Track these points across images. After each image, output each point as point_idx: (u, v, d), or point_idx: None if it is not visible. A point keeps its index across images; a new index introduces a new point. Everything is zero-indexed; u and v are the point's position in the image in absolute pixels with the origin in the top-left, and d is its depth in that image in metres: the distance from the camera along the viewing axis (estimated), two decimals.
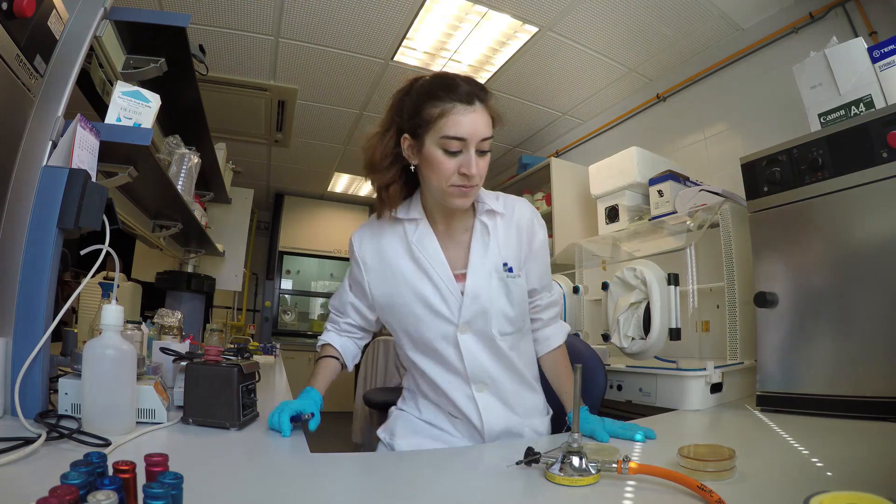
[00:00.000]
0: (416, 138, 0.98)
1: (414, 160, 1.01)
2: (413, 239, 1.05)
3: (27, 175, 0.89)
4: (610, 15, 2.31)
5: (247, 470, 0.70)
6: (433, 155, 0.95)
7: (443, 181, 0.96)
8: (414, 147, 0.99)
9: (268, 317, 5.41)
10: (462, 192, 0.97)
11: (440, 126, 0.94)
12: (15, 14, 0.82)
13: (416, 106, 0.97)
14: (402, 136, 1.00)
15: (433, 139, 0.95)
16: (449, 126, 0.93)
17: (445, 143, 0.94)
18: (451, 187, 0.96)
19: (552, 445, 0.77)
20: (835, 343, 1.27)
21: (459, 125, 0.93)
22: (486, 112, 0.96)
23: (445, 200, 1.00)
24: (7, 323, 0.84)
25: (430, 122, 0.94)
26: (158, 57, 1.51)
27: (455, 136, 0.93)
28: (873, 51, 1.36)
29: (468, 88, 0.95)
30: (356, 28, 2.47)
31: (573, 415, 0.73)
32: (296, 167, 4.52)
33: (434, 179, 0.97)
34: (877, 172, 1.20)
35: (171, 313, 1.26)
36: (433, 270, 1.03)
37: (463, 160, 0.94)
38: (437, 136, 0.94)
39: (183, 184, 1.91)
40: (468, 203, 1.01)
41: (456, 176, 0.95)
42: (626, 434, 0.95)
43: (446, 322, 1.02)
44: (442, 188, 0.97)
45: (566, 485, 0.67)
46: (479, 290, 1.03)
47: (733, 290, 1.69)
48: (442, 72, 1.01)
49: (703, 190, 1.95)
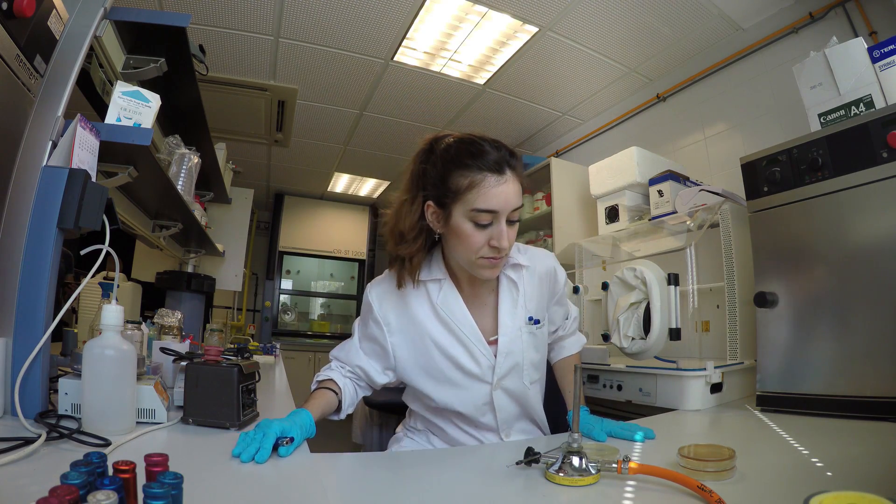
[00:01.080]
0: (442, 207, 0.93)
1: (439, 229, 0.96)
2: (438, 301, 1.01)
3: (27, 175, 0.89)
4: (610, 15, 2.31)
5: (247, 470, 0.70)
6: (462, 227, 0.91)
7: (471, 253, 0.92)
8: (439, 216, 0.94)
9: (268, 317, 5.40)
10: (492, 264, 0.94)
11: (470, 199, 0.88)
12: (15, 14, 0.82)
13: (441, 174, 0.92)
14: (427, 202, 0.95)
15: (462, 211, 0.90)
16: (479, 199, 0.88)
17: (476, 216, 0.89)
18: (480, 259, 0.93)
19: (551, 445, 0.77)
20: (835, 343, 1.27)
21: (490, 198, 0.88)
22: (516, 180, 0.91)
23: (473, 271, 0.97)
24: (7, 323, 0.84)
25: (459, 193, 0.89)
26: (158, 57, 1.51)
27: (486, 210, 0.88)
28: (873, 51, 1.36)
29: (497, 155, 0.90)
30: (356, 28, 2.47)
31: (573, 414, 0.73)
32: (296, 167, 4.52)
33: (462, 252, 0.94)
34: (877, 172, 1.20)
35: (171, 313, 1.26)
36: (463, 334, 1.01)
37: (493, 232, 0.90)
38: (466, 207, 0.89)
39: (183, 184, 1.91)
40: (496, 274, 0.99)
41: (486, 248, 0.91)
42: (625, 434, 0.96)
43: (481, 382, 1.03)
44: (470, 260, 0.94)
45: (566, 485, 0.67)
46: (512, 347, 1.03)
47: (733, 290, 1.69)
48: (467, 135, 0.94)
49: (703, 190, 1.94)
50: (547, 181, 3.00)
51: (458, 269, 1.03)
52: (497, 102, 3.17)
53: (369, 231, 5.67)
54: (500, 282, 1.07)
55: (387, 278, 1.08)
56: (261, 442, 0.73)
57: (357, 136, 3.75)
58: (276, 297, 5.53)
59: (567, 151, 3.53)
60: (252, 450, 0.72)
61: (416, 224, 0.96)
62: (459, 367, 1.02)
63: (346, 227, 5.61)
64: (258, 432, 0.76)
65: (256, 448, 0.72)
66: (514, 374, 1.04)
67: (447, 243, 0.99)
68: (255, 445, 0.72)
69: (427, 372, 1.04)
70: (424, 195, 0.95)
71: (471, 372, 1.02)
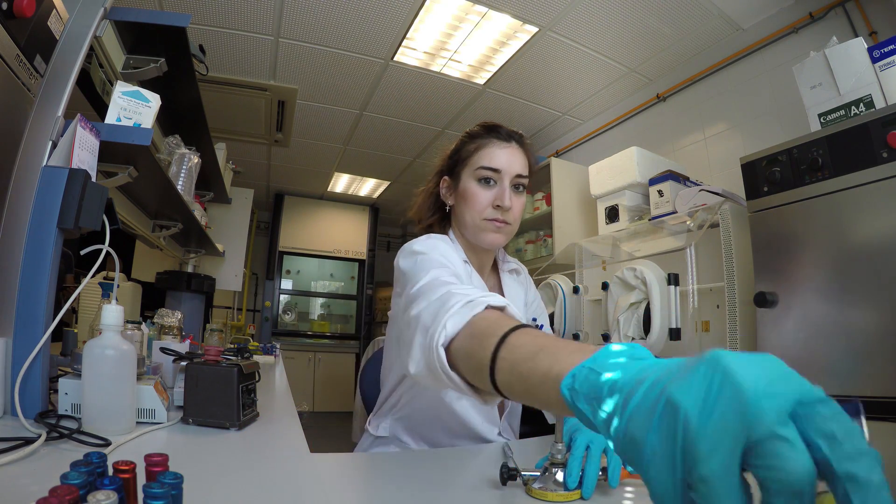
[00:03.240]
0: (453, 177, 1.00)
1: (450, 200, 1.02)
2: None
3: (27, 175, 0.89)
4: (610, 15, 2.31)
5: (247, 470, 0.70)
6: (468, 187, 0.96)
7: (476, 214, 0.95)
8: (451, 185, 1.01)
9: (268, 317, 5.41)
10: (496, 227, 0.95)
11: (476, 159, 0.96)
12: (15, 14, 0.82)
13: (456, 148, 1.01)
14: (442, 179, 1.03)
15: (469, 173, 0.97)
16: (484, 157, 0.95)
17: (480, 173, 0.95)
18: (484, 221, 0.95)
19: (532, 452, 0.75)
20: (834, 343, 1.27)
21: (494, 157, 0.94)
22: (521, 152, 0.97)
23: (478, 237, 0.97)
24: (7, 323, 0.84)
25: (467, 158, 0.97)
26: (158, 57, 1.51)
27: (489, 167, 0.94)
28: (873, 51, 1.36)
29: (508, 131, 0.98)
30: (356, 28, 2.47)
31: (556, 424, 0.69)
32: (296, 167, 4.52)
33: (468, 214, 0.96)
34: (877, 172, 1.20)
35: (171, 313, 1.26)
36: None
37: (497, 192, 0.94)
38: (472, 168, 0.96)
39: (183, 184, 1.91)
40: (501, 241, 0.98)
41: (490, 209, 0.94)
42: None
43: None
44: (476, 222, 0.96)
45: (552, 500, 0.63)
46: None
47: (733, 290, 1.69)
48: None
49: (703, 190, 1.95)
50: (547, 181, 3.00)
51: (469, 257, 1.02)
52: (497, 102, 3.17)
53: (369, 231, 5.67)
54: (502, 280, 1.09)
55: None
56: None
57: (357, 136, 3.75)
58: (276, 297, 5.53)
59: (567, 151, 3.53)
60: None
61: (430, 197, 1.05)
62: None
63: (346, 227, 5.61)
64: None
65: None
66: None
67: (457, 214, 1.01)
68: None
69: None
70: (441, 172, 1.04)
71: None
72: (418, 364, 0.57)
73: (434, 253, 0.83)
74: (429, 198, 1.06)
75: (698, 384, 0.26)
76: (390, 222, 6.05)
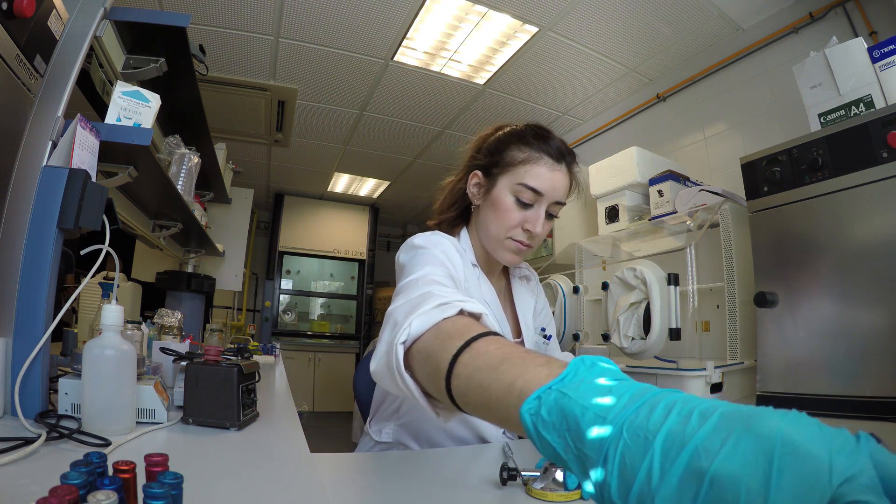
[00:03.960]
0: (488, 176, 0.92)
1: (477, 200, 0.94)
2: (479, 290, 0.95)
3: (27, 175, 0.89)
4: (610, 15, 2.31)
5: (247, 470, 0.70)
6: (503, 199, 0.89)
7: (504, 230, 0.90)
8: (482, 185, 0.93)
9: (268, 317, 5.40)
10: (518, 249, 0.91)
11: (521, 172, 0.87)
12: (15, 14, 0.82)
13: (499, 144, 0.91)
14: (473, 172, 0.94)
15: (508, 183, 0.89)
16: (530, 175, 0.87)
17: (521, 190, 0.87)
18: (508, 240, 0.90)
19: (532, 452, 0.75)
20: (835, 343, 1.27)
21: (542, 178, 0.87)
22: (568, 177, 0.91)
23: (496, 251, 0.93)
24: (7, 323, 0.84)
25: (511, 165, 0.88)
26: (158, 57, 1.51)
27: (533, 188, 0.87)
28: (873, 51, 1.36)
29: (560, 146, 0.90)
30: (356, 28, 2.47)
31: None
32: (296, 167, 4.52)
33: (494, 226, 0.91)
34: (877, 172, 1.20)
35: (171, 313, 1.26)
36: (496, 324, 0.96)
37: (531, 215, 0.88)
38: (513, 180, 0.88)
39: (183, 184, 1.91)
40: (518, 262, 0.95)
41: (518, 230, 0.89)
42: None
43: None
44: (499, 237, 0.91)
45: (552, 500, 0.63)
46: (530, 344, 1.00)
47: (733, 290, 1.69)
48: (538, 122, 0.94)
49: (703, 190, 1.95)
50: None
51: (479, 259, 0.98)
52: (497, 102, 3.17)
53: (369, 231, 5.67)
54: (512, 286, 1.06)
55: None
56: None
57: (357, 136, 3.75)
58: (276, 297, 5.53)
59: None
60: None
61: (455, 190, 0.97)
62: None
63: (346, 227, 5.61)
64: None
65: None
66: None
67: (480, 218, 0.95)
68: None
69: None
70: (473, 165, 0.95)
71: None
72: (379, 362, 0.53)
73: (435, 249, 0.81)
74: (454, 192, 0.98)
75: (748, 453, 0.22)
76: (390, 222, 6.05)
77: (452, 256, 0.82)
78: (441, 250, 0.81)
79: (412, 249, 0.83)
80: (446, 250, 0.82)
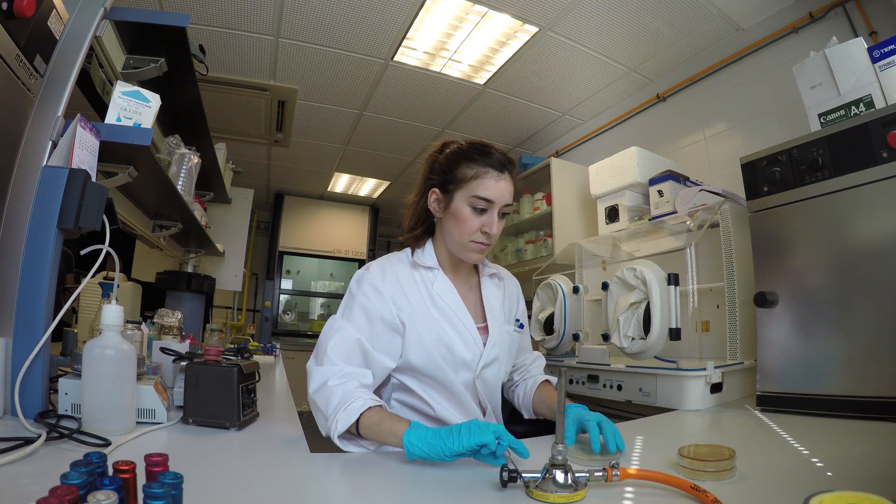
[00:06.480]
0: (445, 193, 1.07)
1: (439, 213, 1.10)
2: (435, 288, 1.09)
3: (27, 175, 0.89)
4: (610, 15, 2.31)
5: (247, 470, 0.70)
6: (461, 211, 1.04)
7: (465, 236, 1.05)
8: (441, 202, 1.08)
9: (268, 317, 5.40)
10: (480, 248, 1.06)
11: (473, 186, 1.03)
12: (15, 14, 0.82)
13: (449, 164, 1.06)
14: (431, 190, 1.09)
15: (463, 197, 1.04)
16: (480, 188, 1.02)
17: (475, 201, 1.03)
18: (471, 242, 1.05)
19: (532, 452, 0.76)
20: (835, 343, 1.27)
21: (490, 189, 1.02)
22: (511, 183, 1.07)
23: (462, 254, 1.08)
24: (7, 323, 0.84)
25: (463, 182, 1.03)
26: (158, 57, 1.51)
27: (485, 198, 1.02)
28: (873, 51, 1.36)
29: (501, 158, 1.05)
30: (356, 28, 2.47)
31: (557, 425, 0.69)
32: (296, 167, 4.52)
33: (457, 233, 1.06)
34: (877, 172, 1.20)
35: (171, 313, 1.26)
36: (458, 320, 1.07)
37: (486, 220, 1.04)
38: (468, 194, 1.03)
39: (183, 184, 1.91)
40: (482, 259, 1.12)
41: (478, 233, 1.04)
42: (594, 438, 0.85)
43: (467, 370, 1.07)
44: (463, 242, 1.06)
45: (553, 502, 0.63)
46: (498, 339, 1.11)
47: (733, 290, 1.69)
48: (476, 139, 1.10)
49: (703, 190, 1.95)
50: (547, 181, 3.00)
51: (445, 262, 1.13)
52: (497, 102, 3.17)
53: (369, 231, 5.67)
54: (481, 283, 1.18)
55: (379, 262, 1.12)
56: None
57: (357, 136, 3.75)
58: (276, 297, 5.53)
59: (567, 151, 3.53)
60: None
61: (419, 209, 1.13)
62: (453, 352, 1.04)
63: (346, 227, 5.61)
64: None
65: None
66: (495, 365, 1.10)
67: (443, 227, 1.10)
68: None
69: (428, 355, 1.03)
70: (430, 184, 1.10)
71: (463, 359, 1.05)
72: (317, 414, 0.93)
73: (361, 297, 1.02)
74: (417, 210, 1.14)
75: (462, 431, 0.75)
76: (390, 222, 6.05)
77: (372, 298, 1.02)
78: (365, 299, 1.02)
79: (349, 292, 1.05)
80: (368, 294, 1.02)
